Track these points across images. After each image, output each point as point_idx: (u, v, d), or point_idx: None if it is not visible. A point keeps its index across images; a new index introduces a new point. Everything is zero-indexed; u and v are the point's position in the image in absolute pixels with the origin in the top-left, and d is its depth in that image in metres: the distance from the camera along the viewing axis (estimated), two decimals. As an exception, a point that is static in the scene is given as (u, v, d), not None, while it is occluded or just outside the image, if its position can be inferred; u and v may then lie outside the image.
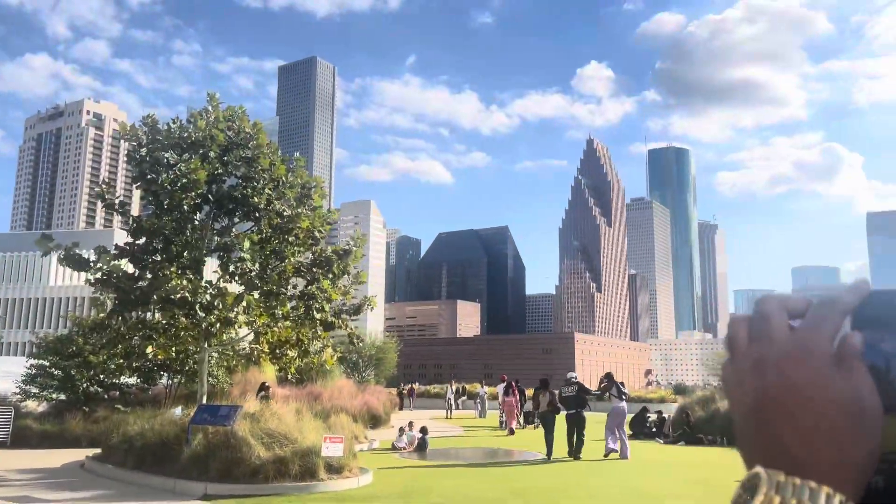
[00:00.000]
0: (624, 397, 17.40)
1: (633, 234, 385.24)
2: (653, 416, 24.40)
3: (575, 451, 16.66)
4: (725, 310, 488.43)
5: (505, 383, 27.66)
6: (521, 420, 27.65)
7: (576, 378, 17.26)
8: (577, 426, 16.77)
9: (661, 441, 21.97)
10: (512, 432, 24.36)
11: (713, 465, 15.85)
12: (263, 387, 20.66)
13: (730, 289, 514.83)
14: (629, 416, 21.45)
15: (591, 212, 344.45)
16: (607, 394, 17.58)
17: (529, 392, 29.71)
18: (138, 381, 20.98)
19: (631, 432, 21.83)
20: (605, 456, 16.72)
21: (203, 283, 14.37)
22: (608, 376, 17.91)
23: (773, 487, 0.46)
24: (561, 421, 16.98)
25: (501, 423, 27.05)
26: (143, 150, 14.11)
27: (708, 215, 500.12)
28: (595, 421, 18.85)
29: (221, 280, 14.93)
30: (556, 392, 17.98)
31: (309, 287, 15.50)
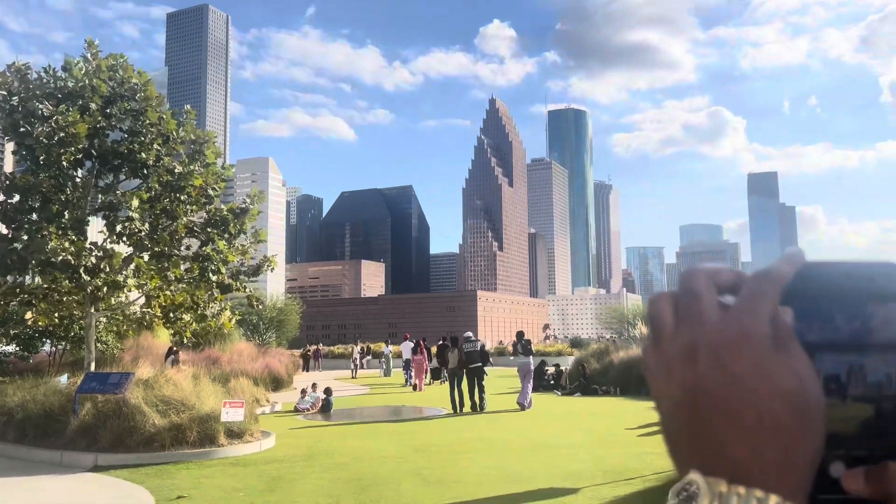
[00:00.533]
0: (526, 353, 18.22)
1: (533, 194, 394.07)
2: (551, 369, 25.31)
3: (479, 405, 17.24)
4: (618, 266, 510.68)
5: (412, 342, 28.10)
6: (429, 377, 28.27)
7: (474, 337, 17.97)
8: (477, 379, 17.46)
9: (559, 393, 22.84)
10: (419, 389, 24.93)
11: (607, 413, 16.66)
12: (172, 351, 19.86)
13: (622, 246, 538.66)
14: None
15: (493, 172, 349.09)
16: (514, 350, 18.53)
17: (433, 350, 30.43)
18: (17, 349, 19.65)
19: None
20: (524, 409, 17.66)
21: (87, 245, 13.51)
22: (519, 334, 18.80)
23: (714, 499, 0.40)
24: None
25: (407, 380, 27.49)
26: (15, 100, 12.93)
27: (603, 176, 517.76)
28: (498, 376, 19.46)
29: (108, 241, 14.07)
30: (465, 348, 18.58)
31: (204, 248, 14.87)
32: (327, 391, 18.32)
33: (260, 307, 18.25)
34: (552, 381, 24.33)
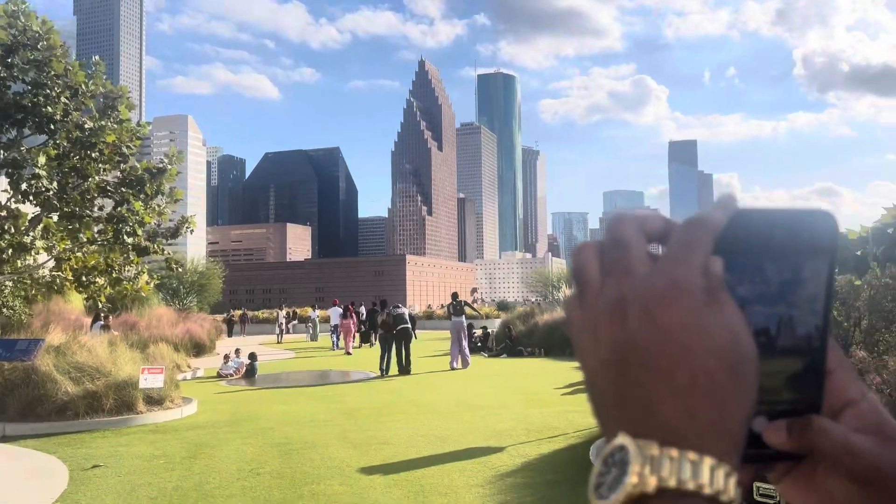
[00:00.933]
0: (457, 313, 18.99)
1: (462, 159, 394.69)
2: (478, 332, 25.71)
3: (406, 365, 17.55)
4: (544, 231, 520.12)
5: (340, 307, 28.28)
6: (358, 341, 28.68)
7: (402, 308, 18.61)
8: (404, 341, 17.77)
9: (486, 355, 23.25)
10: (347, 352, 25.17)
11: (532, 374, 17.09)
12: (99, 316, 19.05)
13: (548, 211, 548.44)
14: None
15: (422, 135, 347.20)
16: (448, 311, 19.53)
17: (362, 313, 31.04)
18: (-88, 316, 18.45)
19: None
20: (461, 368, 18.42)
21: (-11, 204, 12.71)
22: (453, 295, 19.69)
23: (646, 463, 0.36)
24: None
25: (335, 344, 27.56)
26: None
27: (531, 141, 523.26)
28: (427, 339, 19.67)
29: (12, 200, 13.27)
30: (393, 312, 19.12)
31: (118, 209, 14.22)
32: (252, 356, 18.05)
33: (180, 270, 17.71)
34: (479, 344, 24.73)
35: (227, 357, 18.56)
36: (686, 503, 0.36)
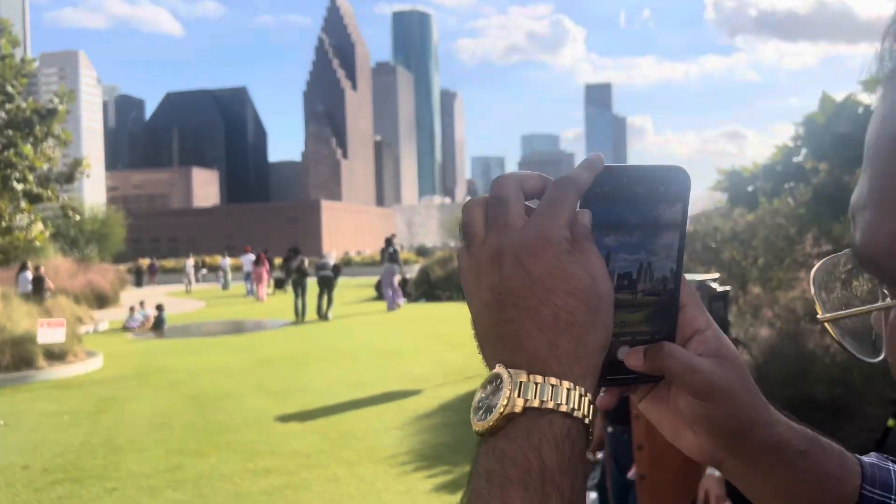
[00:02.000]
0: (392, 260, 20.20)
1: (378, 100, 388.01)
2: (397, 278, 25.89)
3: (325, 312, 17.89)
4: (463, 175, 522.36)
5: (251, 254, 28.20)
6: (272, 287, 28.96)
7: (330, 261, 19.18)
8: (326, 287, 18.07)
9: (406, 300, 23.52)
10: (261, 299, 25.29)
11: (450, 319, 17.44)
12: (26, 266, 18.06)
13: (467, 155, 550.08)
14: (375, 280, 23.64)
15: (335, 74, 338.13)
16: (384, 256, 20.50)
17: (277, 261, 31.02)
18: None
19: (376, 294, 23.07)
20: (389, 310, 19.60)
21: None
22: (388, 241, 20.68)
23: (515, 388, 0.45)
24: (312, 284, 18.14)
25: (249, 291, 27.39)
26: None
27: (449, 83, 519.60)
28: (345, 286, 19.85)
29: None
30: (305, 258, 19.44)
31: (4, 153, 13.38)
32: (159, 307, 17.61)
33: (77, 218, 16.92)
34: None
35: (132, 309, 18.04)
36: (546, 419, 0.45)
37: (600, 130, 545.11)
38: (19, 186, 13.47)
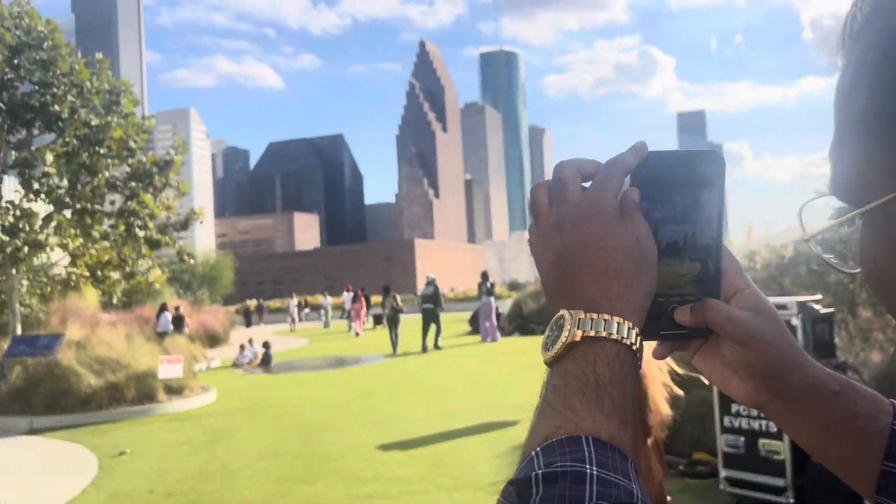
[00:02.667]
0: (489, 294, 20.66)
1: (467, 140, 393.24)
2: (495, 311, 26.03)
3: (435, 343, 18.74)
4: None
5: (351, 293, 29.58)
6: (372, 323, 30.39)
7: (433, 278, 19.77)
8: (432, 320, 18.79)
9: (500, 334, 23.50)
10: (358, 335, 26.24)
11: (545, 352, 17.32)
12: (166, 307, 19.72)
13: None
14: (469, 314, 24.27)
15: (426, 117, 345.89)
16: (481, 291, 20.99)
17: (376, 299, 32.21)
18: (-67, 317, 18.87)
19: (470, 328, 23.19)
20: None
21: (3, 204, 13.00)
22: (484, 275, 21.30)
23: (575, 324, 0.56)
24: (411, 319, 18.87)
25: (349, 327, 28.64)
26: None
27: (537, 119, 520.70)
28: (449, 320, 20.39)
29: (25, 199, 13.56)
30: (397, 296, 20.33)
31: (128, 203, 14.50)
32: (266, 345, 18.37)
33: (191, 261, 18.01)
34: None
35: (242, 347, 18.89)
36: (600, 344, 0.55)
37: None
38: (141, 234, 14.53)
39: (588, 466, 0.49)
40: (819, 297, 5.56)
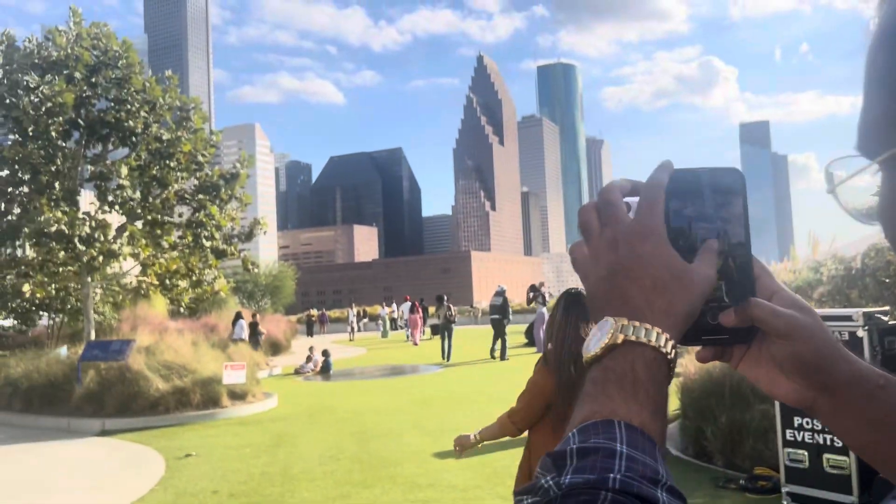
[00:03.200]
0: (544, 304, 20.59)
1: (524, 152, 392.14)
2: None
3: (501, 353, 18.81)
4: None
5: (408, 303, 30.30)
6: (429, 332, 30.91)
7: (503, 289, 20.36)
8: (499, 331, 19.06)
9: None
10: (416, 344, 26.88)
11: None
12: (240, 316, 20.65)
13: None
14: (524, 326, 24.16)
15: (483, 131, 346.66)
16: (533, 302, 21.19)
17: (432, 310, 32.66)
18: (15, 322, 19.84)
19: (526, 340, 23.05)
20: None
21: (80, 215, 13.63)
22: (532, 288, 21.40)
23: (618, 329, 0.59)
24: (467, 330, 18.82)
25: (407, 337, 29.39)
26: (0, 72, 12.91)
27: (595, 131, 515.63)
28: (489, 331, 20.17)
29: (100, 211, 14.19)
30: (451, 306, 20.47)
31: (196, 214, 15.00)
32: (325, 353, 18.67)
33: (255, 270, 18.47)
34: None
35: (309, 357, 19.15)
36: (639, 349, 0.59)
37: (758, 170, 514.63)
38: (208, 244, 15.00)
39: (619, 445, 0.53)
40: (887, 308, 5.35)
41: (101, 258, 13.70)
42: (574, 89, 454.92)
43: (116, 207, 14.12)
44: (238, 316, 20.67)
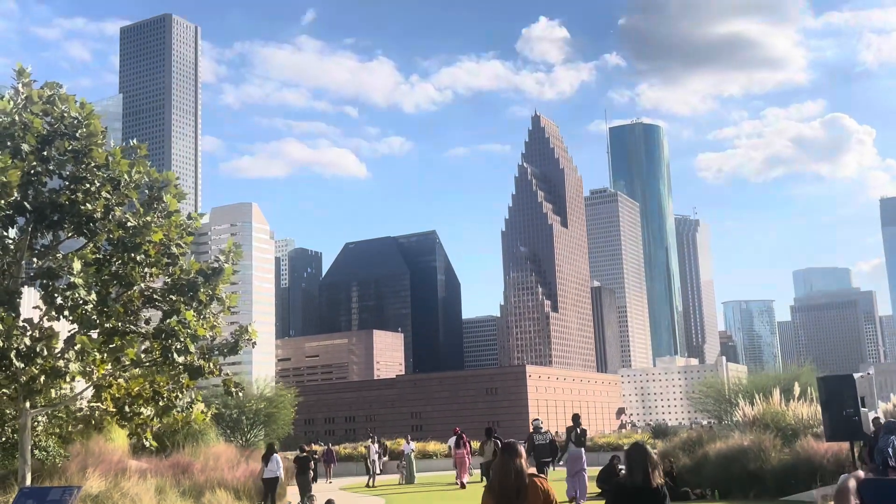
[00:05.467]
0: (578, 444, 21.45)
1: (595, 236, 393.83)
2: (624, 468, 25.03)
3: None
4: (713, 327, 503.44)
5: (455, 436, 31.42)
6: (480, 474, 30.43)
7: (541, 425, 21.61)
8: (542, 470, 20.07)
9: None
10: (463, 486, 27.76)
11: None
12: (274, 449, 21.44)
13: (717, 300, 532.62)
14: (597, 470, 23.75)
15: (540, 209, 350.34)
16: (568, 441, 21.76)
17: (475, 444, 32.51)
18: (-67, 461, 19.96)
19: (599, 490, 22.24)
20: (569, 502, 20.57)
21: (20, 323, 13.83)
22: (575, 418, 22.09)
23: None
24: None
25: (456, 477, 29.67)
26: (-72, 144, 13.50)
27: (687, 208, 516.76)
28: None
29: (45, 318, 14.38)
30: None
31: (167, 321, 15.11)
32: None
33: (240, 395, 18.37)
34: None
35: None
36: None
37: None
38: (180, 359, 15.01)
39: None
40: None
41: (43, 378, 13.78)
42: (659, 156, 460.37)
43: (66, 313, 14.29)
44: (271, 449, 21.27)
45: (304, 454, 24.22)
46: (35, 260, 14.97)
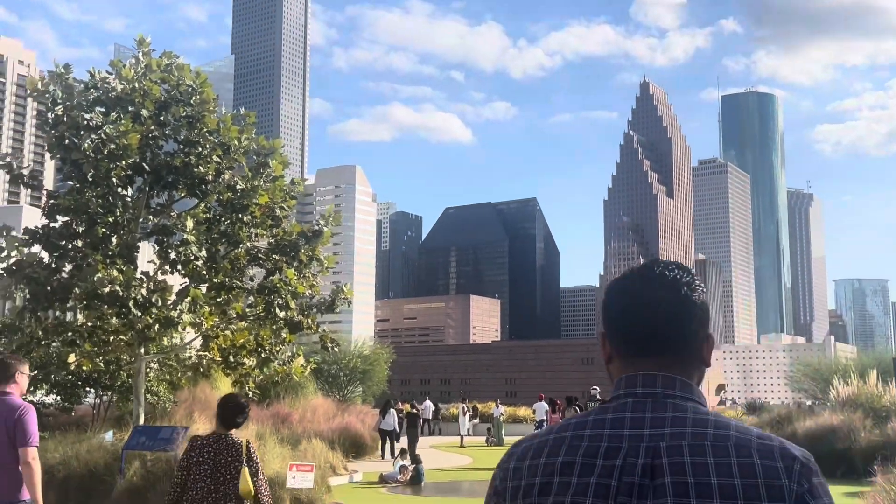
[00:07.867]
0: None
1: (701, 207, 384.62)
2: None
3: None
4: (823, 306, 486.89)
5: (543, 402, 32.49)
6: None
7: (597, 394, 20.97)
8: None
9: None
10: None
11: None
12: (390, 404, 24.81)
13: (828, 278, 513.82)
14: None
15: (645, 178, 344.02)
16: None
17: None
18: (58, 399, 21.70)
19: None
20: None
21: (138, 275, 14.96)
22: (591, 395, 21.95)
23: None
24: None
25: None
26: (59, 109, 14.71)
27: (801, 182, 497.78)
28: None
29: (160, 271, 15.55)
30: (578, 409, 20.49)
31: (269, 278, 16.12)
32: (416, 459, 19.17)
33: (336, 350, 19.35)
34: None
35: (396, 460, 19.76)
36: None
37: None
38: (281, 314, 16.01)
39: None
40: None
41: (157, 326, 14.93)
42: (773, 127, 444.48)
43: (178, 267, 15.45)
44: (387, 404, 23.32)
45: (415, 410, 26.65)
46: (151, 218, 16.18)
